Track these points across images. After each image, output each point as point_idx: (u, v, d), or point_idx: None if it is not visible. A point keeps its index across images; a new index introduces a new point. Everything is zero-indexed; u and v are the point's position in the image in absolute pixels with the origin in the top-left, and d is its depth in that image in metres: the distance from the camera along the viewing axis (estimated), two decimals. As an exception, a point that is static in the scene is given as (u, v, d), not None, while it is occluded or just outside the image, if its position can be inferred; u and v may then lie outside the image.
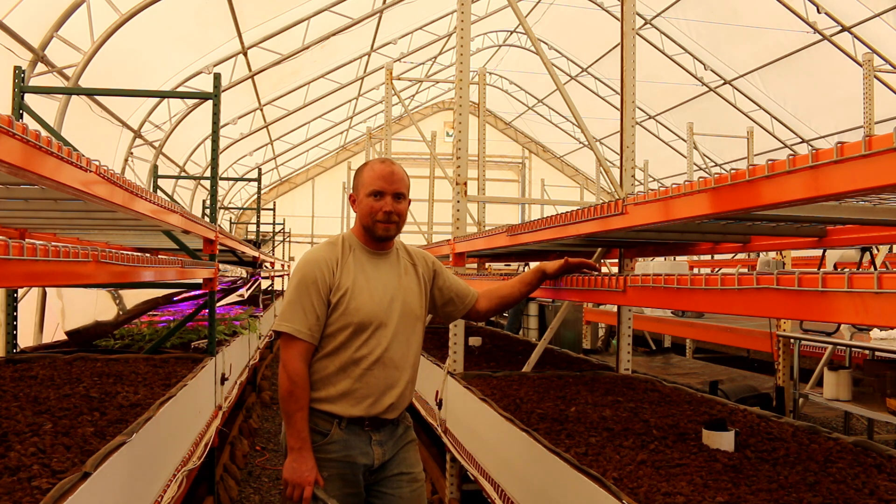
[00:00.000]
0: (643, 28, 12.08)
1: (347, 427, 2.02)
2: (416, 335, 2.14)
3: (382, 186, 2.04)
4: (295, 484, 1.91)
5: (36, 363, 3.42)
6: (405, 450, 2.14)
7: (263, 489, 4.54)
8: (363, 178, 2.08)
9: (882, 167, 1.12)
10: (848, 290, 1.19)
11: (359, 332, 2.01)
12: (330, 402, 2.01)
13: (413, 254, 2.23)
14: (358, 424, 2.03)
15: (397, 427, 2.12)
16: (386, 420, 2.07)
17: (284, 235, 16.54)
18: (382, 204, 2.03)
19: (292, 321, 1.97)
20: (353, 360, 2.01)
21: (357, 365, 2.01)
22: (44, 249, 1.45)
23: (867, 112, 6.69)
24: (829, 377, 5.09)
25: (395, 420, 2.10)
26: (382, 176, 2.04)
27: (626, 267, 4.05)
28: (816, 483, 2.03)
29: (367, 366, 2.01)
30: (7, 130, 1.29)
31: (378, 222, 2.05)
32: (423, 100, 18.97)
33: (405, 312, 2.09)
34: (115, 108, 8.02)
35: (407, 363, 2.09)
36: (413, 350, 2.12)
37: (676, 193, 1.71)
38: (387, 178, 2.04)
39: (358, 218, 2.11)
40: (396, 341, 2.06)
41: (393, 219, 2.05)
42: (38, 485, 1.66)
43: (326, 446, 2.00)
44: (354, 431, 2.02)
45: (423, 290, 2.18)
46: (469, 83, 3.92)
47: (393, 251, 2.17)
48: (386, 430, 2.08)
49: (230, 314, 6.03)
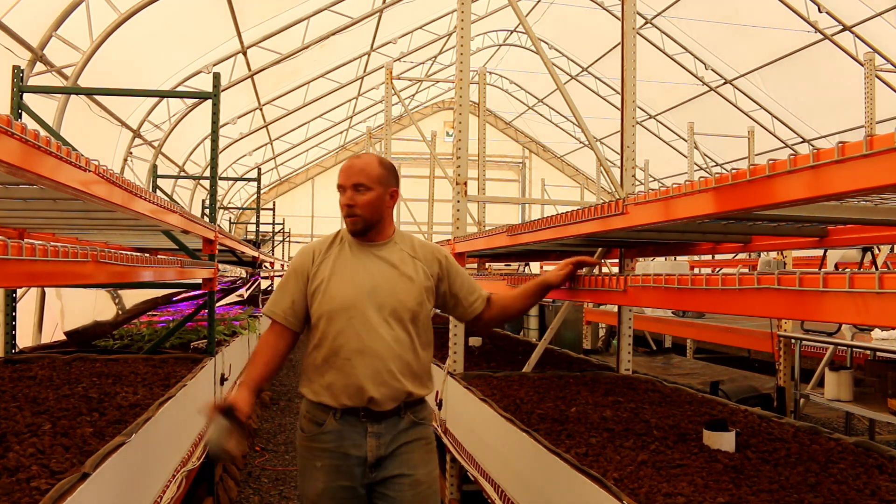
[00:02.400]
0: (644, 27, 12.07)
1: (342, 418, 2.01)
2: (406, 326, 2.07)
3: (342, 181, 2.07)
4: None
5: (35, 363, 3.42)
6: (409, 448, 2.05)
7: (263, 489, 4.53)
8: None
9: (883, 167, 1.11)
10: (849, 290, 1.18)
11: (332, 320, 2.02)
12: (322, 394, 2.03)
13: (417, 247, 2.19)
14: (353, 415, 2.01)
15: (400, 420, 2.05)
16: (383, 412, 2.02)
17: (284, 235, 16.53)
18: (343, 198, 2.06)
19: (271, 304, 2.13)
20: (334, 351, 2.02)
21: (337, 355, 2.01)
22: (43, 249, 1.44)
23: (868, 112, 6.69)
24: (830, 377, 5.08)
25: (395, 412, 2.04)
26: (343, 170, 2.08)
27: (627, 267, 4.04)
28: (818, 484, 2.03)
29: (346, 355, 2.00)
30: (6, 130, 1.29)
31: (345, 217, 2.08)
32: (423, 99, 18.96)
33: (389, 303, 2.04)
34: (115, 107, 8.01)
35: (393, 353, 2.02)
36: (403, 341, 2.05)
37: (677, 193, 1.70)
38: (345, 172, 2.07)
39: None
40: (377, 331, 2.01)
41: (355, 212, 2.04)
42: (36, 485, 1.65)
43: (321, 436, 2.02)
44: (350, 422, 2.01)
45: (420, 283, 2.12)
46: (469, 83, 3.91)
47: (390, 243, 2.15)
48: (386, 423, 2.03)
49: (230, 314, 6.03)
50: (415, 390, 2.06)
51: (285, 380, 8.79)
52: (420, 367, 2.10)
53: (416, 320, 2.09)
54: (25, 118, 3.63)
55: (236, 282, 6.30)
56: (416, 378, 2.08)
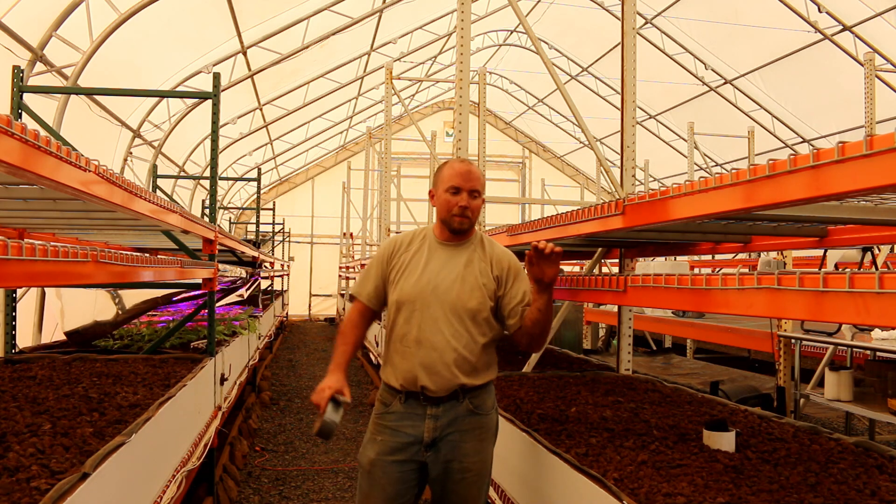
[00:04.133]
0: (644, 27, 12.07)
1: (406, 401, 2.22)
2: (464, 322, 2.20)
3: (460, 183, 2.22)
4: (319, 390, 2.14)
5: (35, 363, 3.41)
6: (463, 438, 2.19)
7: (263, 490, 4.53)
8: (443, 175, 2.27)
9: (883, 167, 1.11)
10: (849, 290, 1.18)
11: (399, 310, 2.24)
12: (388, 375, 2.27)
13: (492, 250, 2.32)
14: (414, 398, 2.21)
15: (458, 405, 2.20)
16: (440, 397, 2.18)
17: (284, 235, 16.53)
18: (458, 199, 2.22)
19: (357, 285, 2.39)
20: (400, 337, 2.24)
21: (402, 342, 2.23)
22: (43, 249, 1.44)
23: (868, 112, 6.69)
24: (830, 377, 5.08)
25: (454, 397, 2.19)
26: (461, 174, 2.23)
27: (627, 267, 4.04)
28: (818, 484, 2.03)
29: (408, 343, 2.22)
30: (6, 130, 1.29)
31: (454, 216, 2.24)
32: (423, 99, 18.95)
33: (450, 300, 2.20)
34: (115, 107, 8.02)
35: (449, 346, 2.18)
36: (462, 336, 2.19)
37: (677, 193, 1.70)
38: (464, 176, 2.23)
39: (437, 212, 2.30)
40: (437, 325, 2.19)
41: (466, 213, 2.23)
42: (36, 485, 1.65)
43: (386, 415, 2.25)
44: (412, 405, 2.21)
45: (484, 284, 2.24)
46: (469, 83, 3.91)
47: (468, 244, 2.31)
48: (444, 407, 2.19)
49: (230, 314, 6.03)
50: (469, 381, 2.20)
51: (285, 380, 8.77)
52: (479, 361, 2.23)
53: (475, 318, 2.23)
54: (25, 118, 3.63)
55: (236, 282, 6.30)
56: (472, 371, 2.22)
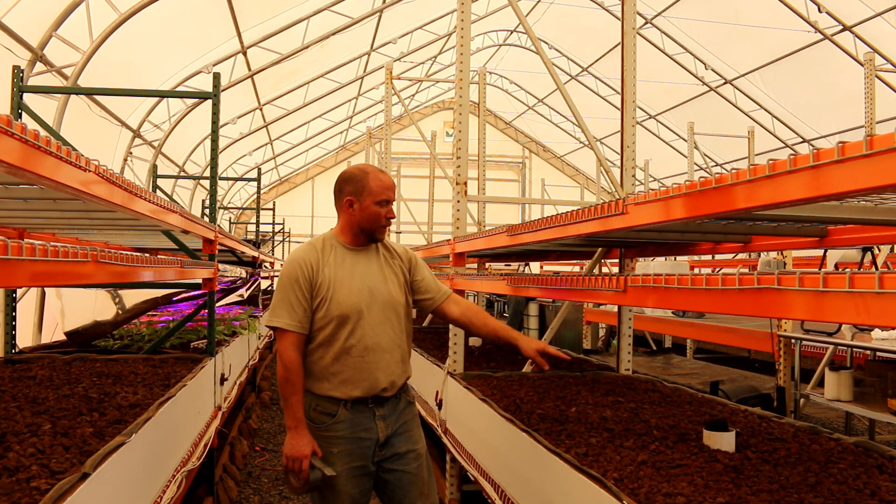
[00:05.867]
0: (644, 27, 12.07)
1: (353, 407, 2.23)
2: (400, 318, 2.34)
3: (390, 196, 2.30)
4: (293, 457, 2.14)
5: (35, 363, 3.41)
6: (409, 425, 2.35)
7: (263, 490, 4.53)
8: (370, 186, 2.27)
9: (883, 167, 1.11)
10: (849, 290, 1.18)
11: (343, 323, 2.23)
12: (333, 389, 2.23)
13: (391, 247, 2.45)
14: (362, 403, 2.24)
15: (399, 401, 2.34)
16: (387, 397, 2.28)
17: (284, 235, 16.53)
18: (387, 211, 2.30)
19: (281, 316, 2.21)
20: (345, 350, 2.23)
21: (349, 354, 2.23)
22: (43, 249, 1.44)
23: (868, 112, 6.69)
24: (830, 377, 5.08)
25: (396, 395, 2.32)
26: (390, 187, 2.31)
27: (627, 267, 4.04)
28: (818, 484, 2.03)
29: (357, 353, 2.23)
30: (6, 130, 1.29)
31: (382, 227, 2.32)
32: (423, 99, 18.96)
33: (386, 300, 2.30)
34: (115, 107, 8.02)
35: (394, 344, 2.29)
36: (399, 331, 2.33)
37: (677, 193, 1.70)
38: (392, 189, 2.32)
39: (353, 220, 2.30)
40: (381, 327, 2.27)
41: (390, 223, 2.34)
42: (36, 485, 1.65)
43: (335, 426, 2.22)
44: (359, 410, 2.24)
45: (402, 278, 2.39)
46: (469, 83, 3.91)
47: (370, 246, 2.39)
48: (388, 405, 2.29)
49: (230, 314, 6.03)
50: (408, 373, 2.37)
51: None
52: (408, 352, 2.41)
53: (405, 312, 2.37)
54: (25, 118, 3.63)
55: (236, 282, 6.30)
56: (406, 363, 2.38)
